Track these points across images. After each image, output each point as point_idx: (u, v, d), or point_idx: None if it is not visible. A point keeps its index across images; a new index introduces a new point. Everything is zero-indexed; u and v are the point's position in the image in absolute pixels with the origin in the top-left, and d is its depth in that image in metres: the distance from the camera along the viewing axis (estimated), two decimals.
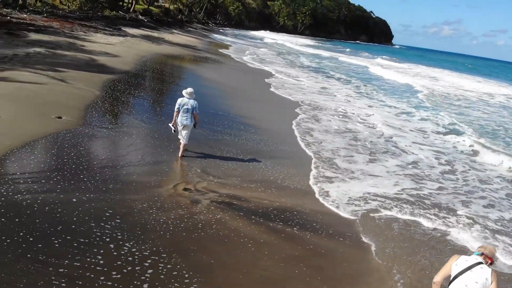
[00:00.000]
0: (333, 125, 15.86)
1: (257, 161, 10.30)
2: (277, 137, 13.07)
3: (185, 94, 9.46)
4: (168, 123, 9.97)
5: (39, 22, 28.63)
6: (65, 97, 12.46)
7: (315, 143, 12.93)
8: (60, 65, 16.46)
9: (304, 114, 16.88)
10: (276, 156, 11.05)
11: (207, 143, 10.91)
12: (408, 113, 21.25)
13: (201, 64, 28.53)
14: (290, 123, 15.08)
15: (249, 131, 12.97)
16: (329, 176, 10.15)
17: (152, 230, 6.33)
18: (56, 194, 6.84)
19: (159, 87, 18.12)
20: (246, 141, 11.89)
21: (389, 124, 17.51)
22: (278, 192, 8.72)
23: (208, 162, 9.70)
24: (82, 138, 9.58)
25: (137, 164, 8.79)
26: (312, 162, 11.06)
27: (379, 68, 46.04)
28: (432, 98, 28.52)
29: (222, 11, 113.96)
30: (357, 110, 19.62)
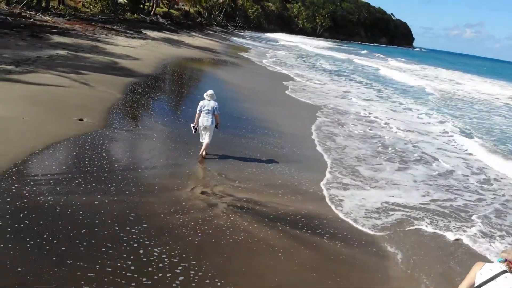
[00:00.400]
0: (355, 129, 15.66)
1: (275, 165, 10.24)
2: (296, 141, 12.97)
3: (206, 96, 9.70)
4: (190, 124, 10.07)
5: (62, 25, 29.20)
6: (87, 99, 12.63)
7: (337, 148, 12.76)
8: (82, 68, 16.71)
9: (326, 118, 16.75)
10: (294, 160, 10.97)
11: (225, 146, 10.89)
12: (429, 115, 20.92)
13: (220, 67, 28.64)
14: (310, 127, 14.96)
15: (268, 135, 12.91)
16: (350, 184, 9.99)
17: (174, 234, 6.32)
18: (78, 196, 6.90)
19: (179, 90, 18.25)
20: (264, 145, 11.84)
21: (413, 129, 17.20)
22: (295, 197, 8.63)
23: (225, 165, 9.70)
24: (103, 140, 9.69)
25: (157, 167, 8.83)
26: (332, 167, 10.91)
27: (391, 70, 45.84)
28: (448, 101, 28.01)
29: (242, 14, 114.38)
30: (379, 114, 19.36)
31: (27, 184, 6.99)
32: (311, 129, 14.70)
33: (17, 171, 7.41)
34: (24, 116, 10.04)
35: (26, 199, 6.50)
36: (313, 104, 19.47)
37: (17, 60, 15.99)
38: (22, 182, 7.02)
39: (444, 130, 17.96)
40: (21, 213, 6.09)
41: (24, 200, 6.48)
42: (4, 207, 6.20)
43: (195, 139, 10.62)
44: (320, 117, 16.82)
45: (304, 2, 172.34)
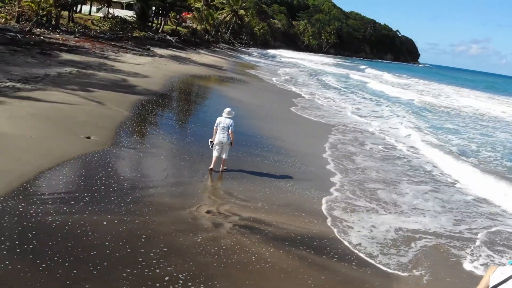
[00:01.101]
0: (372, 147, 15.54)
1: (284, 184, 10.14)
2: (307, 159, 12.86)
3: (224, 113, 10.09)
4: (209, 139, 10.29)
5: (71, 42, 29.58)
6: (95, 117, 12.67)
7: (354, 168, 12.58)
8: (91, 85, 16.83)
9: (342, 135, 16.65)
10: (304, 179, 10.85)
11: (233, 164, 10.81)
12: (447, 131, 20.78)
13: (227, 84, 28.77)
14: (322, 145, 14.85)
15: (276, 152, 12.83)
16: (366, 206, 9.85)
17: (180, 255, 6.20)
18: (86, 216, 6.83)
19: (186, 108, 18.30)
20: (273, 162, 11.75)
21: (434, 146, 16.97)
22: (304, 217, 8.50)
23: (232, 183, 9.64)
24: (111, 158, 9.66)
25: (163, 185, 8.77)
26: (344, 187, 10.78)
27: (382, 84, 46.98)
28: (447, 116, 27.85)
29: (248, 31, 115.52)
30: (392, 130, 19.28)
31: (34, 203, 6.94)
32: (324, 147, 14.59)
33: (24, 189, 7.37)
34: (31, 133, 10.06)
35: (33, 219, 6.44)
36: (325, 122, 19.44)
37: (26, 77, 16.14)
38: (29, 201, 6.97)
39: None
40: (29, 233, 6.02)
41: (32, 219, 6.42)
42: (11, 226, 6.14)
43: (202, 157, 10.58)
44: (335, 134, 16.78)
45: (310, 19, 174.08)
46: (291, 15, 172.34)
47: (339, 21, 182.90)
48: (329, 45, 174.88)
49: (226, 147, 10.08)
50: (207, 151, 11.22)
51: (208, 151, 11.09)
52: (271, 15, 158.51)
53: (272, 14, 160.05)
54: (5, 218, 6.31)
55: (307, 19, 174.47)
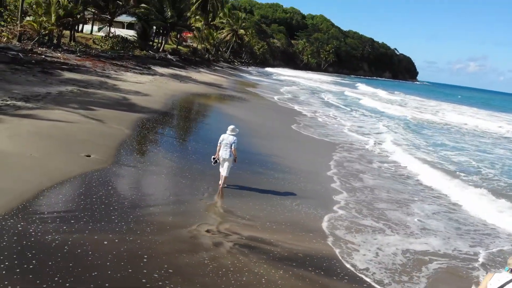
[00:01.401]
0: (375, 166, 15.47)
1: (285, 202, 10.04)
2: (310, 177, 12.77)
3: (228, 130, 10.19)
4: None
5: (72, 61, 29.77)
6: (95, 135, 12.63)
7: (358, 187, 12.55)
8: (91, 104, 16.85)
9: (348, 153, 16.56)
10: (307, 197, 10.75)
11: (232, 181, 10.72)
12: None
13: (228, 102, 28.87)
14: (326, 163, 14.80)
15: (279, 170, 12.75)
16: (370, 226, 9.74)
17: (180, 275, 6.08)
18: (86, 235, 6.72)
19: (187, 126, 18.29)
20: (275, 180, 11.66)
21: (446, 167, 16.79)
22: (306, 235, 8.38)
23: (232, 200, 9.57)
24: (111, 177, 9.58)
25: (163, 204, 8.67)
26: (349, 206, 10.67)
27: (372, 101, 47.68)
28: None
29: (248, 50, 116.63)
30: (395, 148, 19.23)
31: (33, 222, 6.85)
32: (329, 165, 14.53)
33: (23, 208, 7.28)
34: (32, 152, 10.00)
35: (33, 238, 6.34)
36: (329, 140, 19.41)
37: (27, 95, 16.17)
38: (28, 220, 6.87)
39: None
40: (29, 253, 5.92)
41: (31, 239, 6.31)
42: (10, 245, 6.04)
43: (202, 175, 10.51)
44: (340, 152, 16.74)
45: (309, 38, 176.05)
46: (290, 34, 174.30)
47: (337, 40, 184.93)
48: (327, 63, 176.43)
49: (229, 164, 10.09)
50: (208, 168, 11.17)
51: (209, 168, 11.04)
52: (270, 34, 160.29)
53: (271, 34, 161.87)
54: (4, 237, 6.21)
55: (305, 38, 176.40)
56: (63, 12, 37.39)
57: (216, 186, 10.21)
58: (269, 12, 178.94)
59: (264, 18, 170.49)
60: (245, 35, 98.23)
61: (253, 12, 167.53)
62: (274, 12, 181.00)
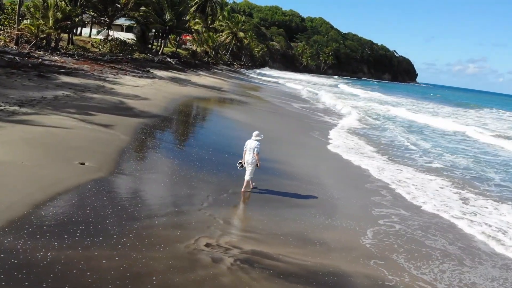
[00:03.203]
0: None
1: (290, 210, 9.56)
2: (317, 186, 12.31)
3: (252, 136, 10.45)
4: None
5: (69, 65, 29.34)
6: (91, 141, 12.15)
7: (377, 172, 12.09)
8: (88, 108, 16.38)
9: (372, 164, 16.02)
10: (310, 206, 10.27)
11: (231, 189, 10.25)
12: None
13: (229, 106, 28.42)
14: (339, 172, 14.33)
15: (282, 177, 12.27)
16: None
17: None
18: (81, 252, 6.25)
19: (187, 131, 17.72)
20: (279, 188, 11.17)
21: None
22: (312, 248, 7.90)
23: (232, 211, 9.13)
24: (105, 186, 9.09)
25: (164, 215, 8.17)
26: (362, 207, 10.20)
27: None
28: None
29: (247, 53, 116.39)
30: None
31: (21, 237, 6.38)
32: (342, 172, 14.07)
33: (11, 222, 6.80)
34: (23, 159, 9.53)
35: (21, 256, 5.87)
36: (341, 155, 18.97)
37: (22, 100, 15.71)
38: (16, 235, 6.40)
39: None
40: (18, 273, 5.46)
41: (20, 257, 5.84)
42: None
43: (204, 183, 10.05)
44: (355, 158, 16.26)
45: (308, 40, 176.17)
46: (289, 37, 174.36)
47: (336, 42, 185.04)
48: (327, 66, 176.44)
49: (251, 169, 10.30)
50: (208, 176, 10.74)
51: (210, 176, 10.61)
52: (269, 37, 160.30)
53: (270, 36, 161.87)
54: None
55: (305, 40, 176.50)
56: (61, 16, 36.98)
57: (215, 195, 9.74)
58: (268, 15, 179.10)
59: (263, 21, 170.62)
60: (244, 38, 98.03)
61: (253, 15, 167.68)
62: (274, 15, 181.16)
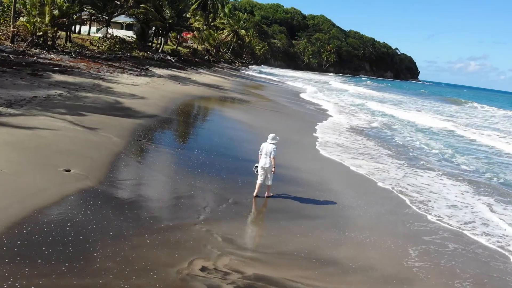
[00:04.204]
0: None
1: (296, 224, 8.59)
2: (326, 193, 11.34)
3: (268, 138, 9.89)
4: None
5: (65, 63, 28.40)
6: (79, 145, 11.19)
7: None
8: (80, 108, 15.43)
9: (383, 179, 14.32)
10: (322, 216, 9.30)
11: (231, 198, 9.28)
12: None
13: (230, 105, 27.45)
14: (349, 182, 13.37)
15: (287, 182, 11.25)
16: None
17: None
18: (56, 281, 5.33)
19: (185, 133, 16.61)
20: (284, 196, 10.21)
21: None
22: (325, 271, 6.93)
23: (231, 225, 8.06)
24: (91, 197, 8.11)
25: (153, 232, 7.18)
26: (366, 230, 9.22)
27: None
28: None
29: (249, 50, 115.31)
30: None
31: None
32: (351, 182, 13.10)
33: None
34: (3, 167, 8.60)
35: None
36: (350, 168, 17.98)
37: (10, 100, 14.77)
38: None
39: None
40: None
41: None
42: None
43: (200, 191, 9.13)
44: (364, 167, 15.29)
45: (310, 38, 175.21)
46: (291, 34, 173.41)
47: (338, 40, 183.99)
48: (329, 63, 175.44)
49: (269, 173, 9.76)
50: (208, 184, 9.79)
51: (208, 183, 9.69)
52: (271, 35, 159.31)
53: (272, 34, 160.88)
54: None
55: (306, 38, 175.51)
56: (58, 13, 36.02)
57: (214, 205, 8.77)
58: (269, 12, 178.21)
59: (264, 19, 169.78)
60: (246, 36, 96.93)
61: (254, 13, 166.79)
62: (275, 12, 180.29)
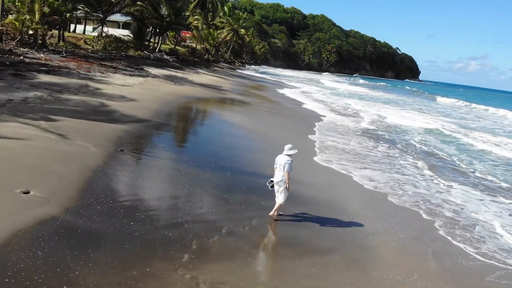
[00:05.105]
0: None
1: (305, 261, 6.98)
2: (341, 215, 9.72)
3: (284, 149, 8.56)
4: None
5: (54, 62, 26.82)
6: (49, 157, 9.55)
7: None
8: (59, 113, 13.80)
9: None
10: (337, 249, 7.68)
11: (229, 228, 7.67)
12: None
13: (228, 107, 25.82)
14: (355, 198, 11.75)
15: (294, 201, 9.55)
16: None
17: None
18: None
19: (179, 141, 14.80)
20: (291, 220, 8.59)
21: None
22: None
23: (225, 266, 6.36)
24: (47, 231, 6.41)
25: (121, 283, 5.57)
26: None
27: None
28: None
29: (249, 50, 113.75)
30: None
31: None
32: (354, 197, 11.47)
33: None
34: None
35: None
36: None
37: None
38: None
39: None
40: None
41: None
42: None
43: (189, 220, 7.54)
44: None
45: (310, 38, 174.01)
46: (291, 34, 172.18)
47: (339, 40, 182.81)
48: (329, 63, 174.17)
49: (282, 189, 8.35)
50: (198, 209, 8.17)
51: (200, 209, 8.09)
52: (271, 34, 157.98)
53: (272, 34, 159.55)
54: None
55: (307, 38, 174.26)
56: (48, 10, 34.39)
57: (203, 238, 7.09)
58: (270, 12, 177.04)
59: (265, 18, 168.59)
60: (245, 35, 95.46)
61: (254, 12, 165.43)
62: (275, 12, 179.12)
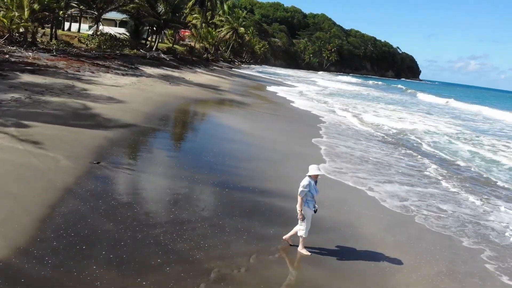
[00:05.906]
0: None
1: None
2: (362, 244, 8.16)
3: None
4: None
5: (42, 61, 25.24)
6: (8, 173, 7.97)
7: None
8: (35, 117, 12.23)
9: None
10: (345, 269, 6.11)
11: (220, 271, 6.12)
12: None
13: (226, 109, 24.24)
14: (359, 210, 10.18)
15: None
16: None
17: None
18: None
19: (168, 151, 12.77)
20: (301, 254, 7.03)
21: None
22: None
23: None
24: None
25: None
26: None
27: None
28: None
29: (248, 49, 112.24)
30: None
31: None
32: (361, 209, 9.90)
33: None
34: None
35: None
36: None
37: None
38: None
39: None
40: None
41: None
42: None
43: (174, 259, 5.99)
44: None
45: (310, 37, 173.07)
46: (291, 33, 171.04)
47: (339, 39, 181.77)
48: (329, 62, 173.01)
49: (299, 218, 6.95)
50: (187, 241, 6.60)
51: (189, 242, 6.51)
52: (271, 33, 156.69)
53: (272, 33, 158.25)
54: None
55: (307, 37, 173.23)
56: (38, 7, 32.83)
57: (190, 284, 5.55)
58: (270, 11, 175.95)
59: (265, 17, 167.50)
60: (245, 34, 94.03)
61: (254, 12, 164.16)
62: (275, 11, 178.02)
